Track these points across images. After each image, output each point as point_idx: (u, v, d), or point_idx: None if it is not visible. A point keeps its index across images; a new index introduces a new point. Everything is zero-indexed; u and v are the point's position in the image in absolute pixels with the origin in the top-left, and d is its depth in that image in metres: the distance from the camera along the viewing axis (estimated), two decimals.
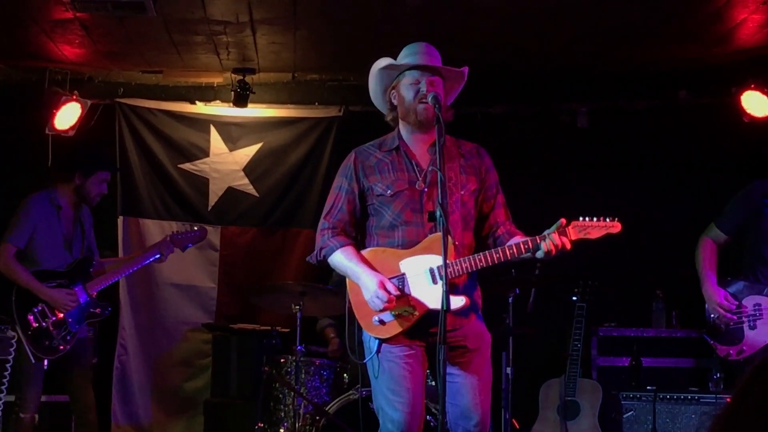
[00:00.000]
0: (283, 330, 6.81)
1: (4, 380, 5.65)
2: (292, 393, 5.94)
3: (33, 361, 5.72)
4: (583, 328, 6.56)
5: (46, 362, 5.80)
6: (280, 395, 6.10)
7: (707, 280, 5.62)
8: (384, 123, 4.36)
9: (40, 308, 5.80)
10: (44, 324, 5.79)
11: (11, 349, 5.65)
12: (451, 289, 3.92)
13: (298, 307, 5.92)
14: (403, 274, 4.07)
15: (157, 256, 6.29)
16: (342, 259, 4.13)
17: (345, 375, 6.18)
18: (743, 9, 5.84)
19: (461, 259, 4.01)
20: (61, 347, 5.87)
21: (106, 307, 6.14)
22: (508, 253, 4.01)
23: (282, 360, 6.17)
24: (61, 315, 5.85)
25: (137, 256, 6.39)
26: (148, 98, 7.67)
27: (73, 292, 5.91)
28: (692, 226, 6.00)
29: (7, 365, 5.65)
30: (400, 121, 4.26)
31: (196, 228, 6.74)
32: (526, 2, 5.89)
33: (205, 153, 7.70)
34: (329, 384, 6.15)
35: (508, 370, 6.42)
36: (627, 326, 7.12)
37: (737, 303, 5.51)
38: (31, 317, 5.76)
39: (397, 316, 4.03)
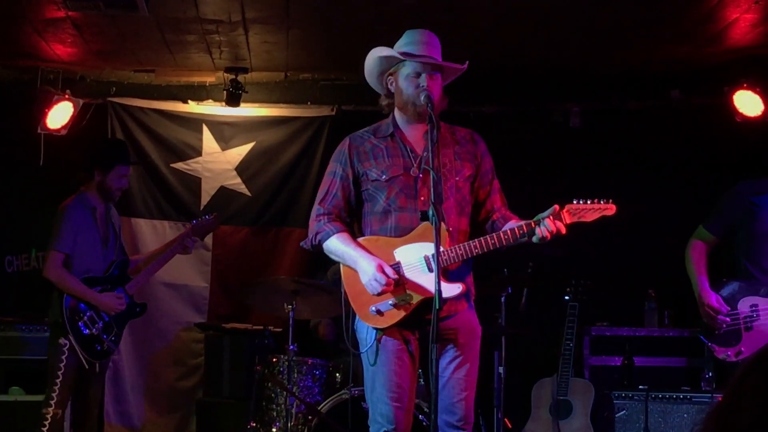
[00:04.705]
0: (276, 329, 6.81)
1: (56, 387, 5.72)
2: (285, 392, 5.94)
3: (86, 366, 5.83)
4: (576, 327, 6.56)
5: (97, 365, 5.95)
6: (273, 395, 6.09)
7: (699, 284, 5.61)
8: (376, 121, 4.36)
9: (89, 315, 5.89)
10: (95, 330, 5.89)
11: (63, 357, 5.75)
12: (445, 275, 3.93)
13: (290, 306, 5.91)
14: (399, 262, 4.06)
15: (181, 248, 6.38)
16: (338, 244, 4.11)
17: (337, 374, 6.17)
18: (735, 8, 5.84)
19: (456, 246, 4.00)
20: (111, 350, 6.05)
21: (145, 306, 6.29)
22: (503, 238, 4.00)
23: (274, 359, 6.16)
24: (108, 319, 5.96)
25: (164, 251, 6.40)
26: (140, 97, 7.67)
27: (120, 295, 6.03)
28: (684, 225, 6.00)
29: (59, 372, 5.73)
30: (396, 109, 4.24)
31: (209, 216, 6.70)
32: (519, 3, 5.90)
33: (198, 152, 7.70)
34: (321, 383, 6.15)
35: (501, 369, 6.42)
36: (619, 326, 7.12)
37: (729, 308, 5.50)
38: (81, 324, 5.85)
39: (394, 305, 4.03)
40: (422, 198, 4.08)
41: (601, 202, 4.06)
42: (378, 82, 4.29)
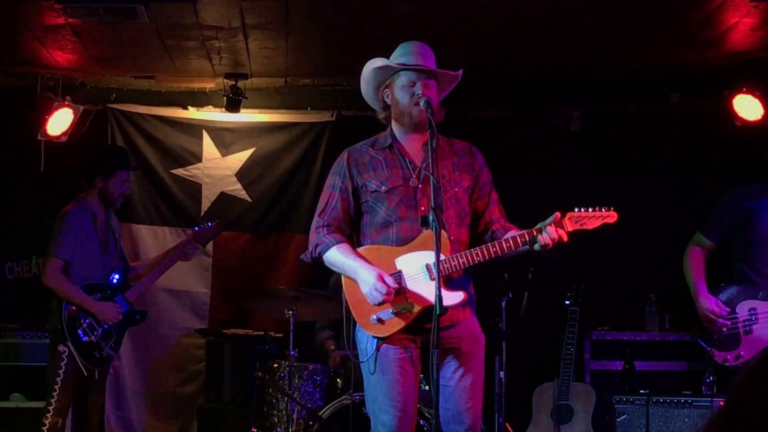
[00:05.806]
0: (276, 335, 6.79)
1: (55, 395, 5.71)
2: (286, 398, 5.93)
3: (85, 374, 5.83)
4: (576, 332, 6.56)
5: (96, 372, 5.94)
6: (274, 400, 6.09)
7: (698, 289, 5.61)
8: (377, 128, 4.37)
9: (88, 322, 5.89)
10: (93, 338, 5.89)
11: (62, 364, 5.74)
12: (447, 283, 3.93)
13: (291, 311, 5.91)
14: (400, 271, 4.05)
15: (182, 255, 6.40)
16: (338, 256, 4.11)
17: (338, 380, 6.17)
18: (734, 13, 5.84)
19: (458, 254, 4.00)
20: (110, 357, 6.05)
21: (145, 313, 6.29)
22: (504, 246, 4.01)
23: (275, 365, 6.15)
24: (107, 326, 5.95)
25: (165, 258, 6.42)
26: (140, 104, 7.67)
27: (117, 303, 6.02)
28: (685, 229, 6.00)
29: (58, 379, 5.72)
30: (393, 121, 4.25)
31: (211, 223, 6.71)
32: (518, 7, 5.90)
33: (198, 158, 7.70)
34: (322, 389, 6.14)
35: (502, 374, 6.42)
36: (620, 330, 7.13)
37: (728, 310, 5.51)
38: (80, 332, 5.85)
39: (395, 314, 4.02)
40: (422, 208, 4.08)
41: (603, 209, 4.07)
42: (374, 96, 4.30)
